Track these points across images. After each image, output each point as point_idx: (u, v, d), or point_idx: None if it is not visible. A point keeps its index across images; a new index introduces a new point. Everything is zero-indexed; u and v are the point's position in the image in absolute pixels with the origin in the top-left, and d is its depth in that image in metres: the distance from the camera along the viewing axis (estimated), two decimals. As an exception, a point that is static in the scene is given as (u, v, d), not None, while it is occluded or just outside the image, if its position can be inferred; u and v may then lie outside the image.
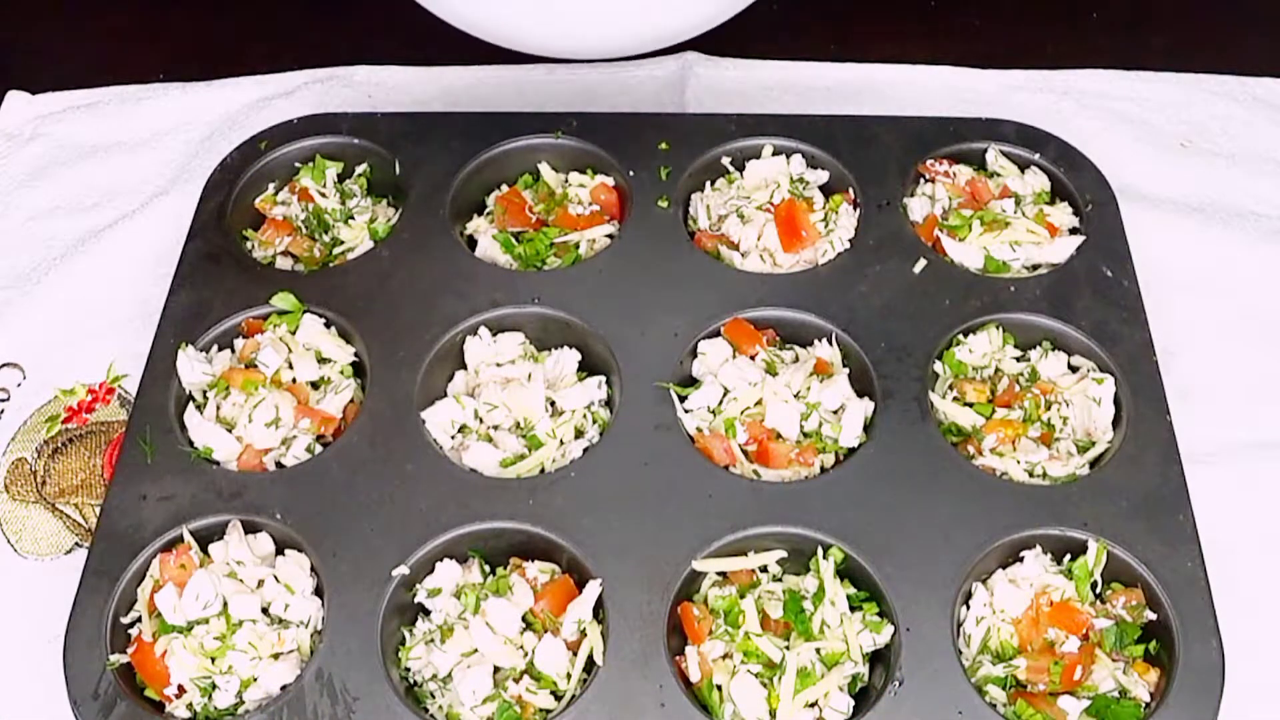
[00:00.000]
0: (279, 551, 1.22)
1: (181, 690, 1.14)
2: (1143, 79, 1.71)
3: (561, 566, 1.20)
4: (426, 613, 1.19)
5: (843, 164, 1.45)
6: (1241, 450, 1.36)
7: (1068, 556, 1.19)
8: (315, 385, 1.32)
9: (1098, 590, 1.18)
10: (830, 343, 1.32)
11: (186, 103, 1.72)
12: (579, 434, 1.29)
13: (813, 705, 1.12)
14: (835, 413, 1.27)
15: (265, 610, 1.18)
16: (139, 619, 1.18)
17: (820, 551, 1.18)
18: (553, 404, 1.30)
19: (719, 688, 1.13)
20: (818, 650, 1.13)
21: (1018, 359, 1.33)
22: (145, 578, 1.19)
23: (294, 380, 1.31)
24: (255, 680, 1.14)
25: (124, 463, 1.26)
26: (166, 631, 1.16)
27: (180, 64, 1.77)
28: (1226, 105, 1.68)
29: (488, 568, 1.21)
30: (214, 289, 1.38)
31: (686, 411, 1.28)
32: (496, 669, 1.14)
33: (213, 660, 1.14)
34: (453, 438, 1.29)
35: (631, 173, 1.45)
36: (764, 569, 1.19)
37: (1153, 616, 1.15)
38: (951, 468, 1.23)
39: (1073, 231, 1.41)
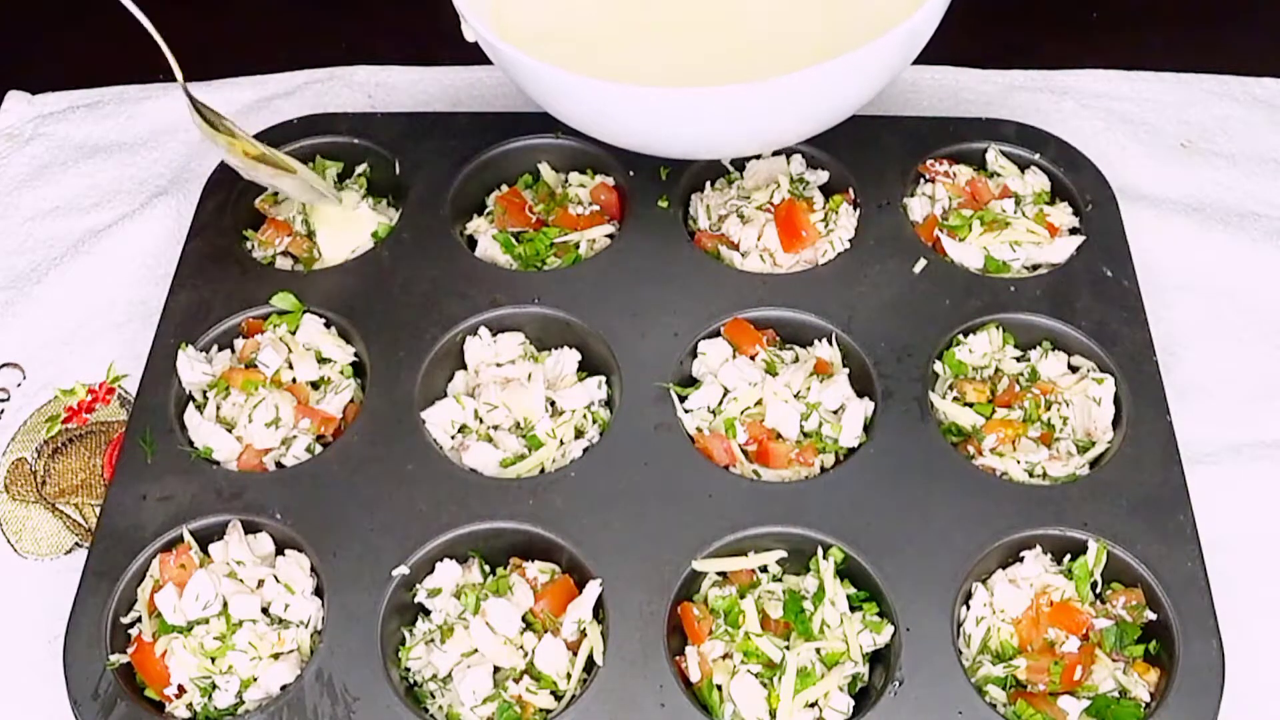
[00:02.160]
0: (279, 551, 1.22)
1: (181, 690, 1.14)
2: (1143, 79, 1.71)
3: (561, 566, 1.20)
4: (426, 613, 1.19)
5: (843, 164, 1.45)
6: (1241, 450, 1.36)
7: (1068, 556, 1.19)
8: (315, 385, 1.32)
9: (1098, 590, 1.18)
10: (830, 343, 1.32)
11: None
12: (579, 434, 1.29)
13: (813, 705, 1.12)
14: (835, 413, 1.27)
15: (265, 610, 1.18)
16: (139, 619, 1.18)
17: (820, 551, 1.18)
18: (553, 404, 1.29)
19: (719, 688, 1.12)
20: (818, 650, 1.13)
21: (1018, 359, 1.32)
22: (145, 578, 1.19)
23: (294, 380, 1.31)
24: (255, 680, 1.14)
25: (124, 463, 1.26)
26: (166, 631, 1.16)
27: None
28: (1226, 105, 1.68)
29: (488, 568, 1.21)
30: (214, 289, 1.38)
31: (686, 411, 1.28)
32: (496, 669, 1.14)
33: (213, 660, 1.14)
34: (453, 438, 1.29)
35: (631, 173, 1.45)
36: (764, 569, 1.19)
37: (1153, 616, 1.15)
38: (951, 468, 1.23)
39: (1073, 231, 1.41)
